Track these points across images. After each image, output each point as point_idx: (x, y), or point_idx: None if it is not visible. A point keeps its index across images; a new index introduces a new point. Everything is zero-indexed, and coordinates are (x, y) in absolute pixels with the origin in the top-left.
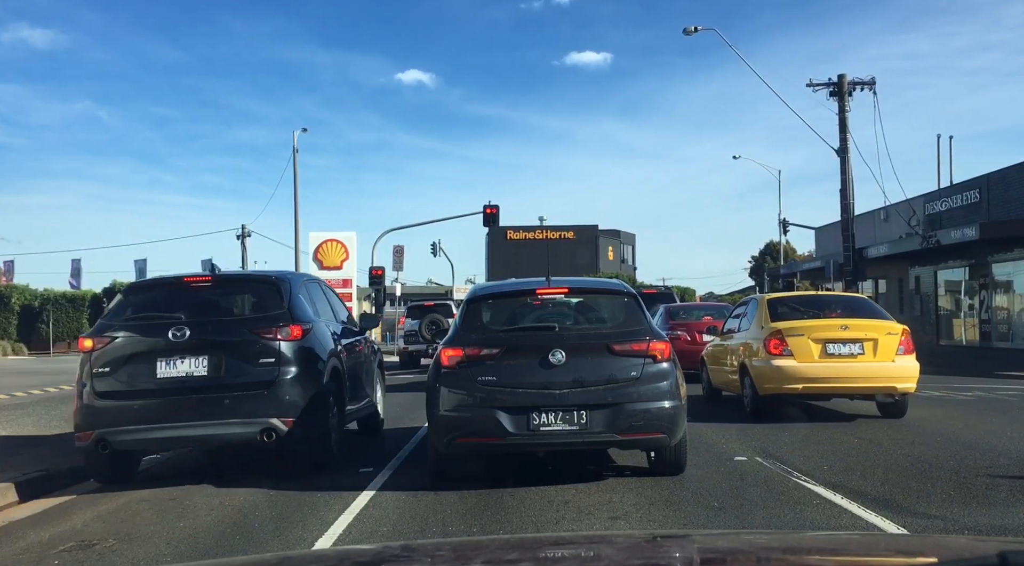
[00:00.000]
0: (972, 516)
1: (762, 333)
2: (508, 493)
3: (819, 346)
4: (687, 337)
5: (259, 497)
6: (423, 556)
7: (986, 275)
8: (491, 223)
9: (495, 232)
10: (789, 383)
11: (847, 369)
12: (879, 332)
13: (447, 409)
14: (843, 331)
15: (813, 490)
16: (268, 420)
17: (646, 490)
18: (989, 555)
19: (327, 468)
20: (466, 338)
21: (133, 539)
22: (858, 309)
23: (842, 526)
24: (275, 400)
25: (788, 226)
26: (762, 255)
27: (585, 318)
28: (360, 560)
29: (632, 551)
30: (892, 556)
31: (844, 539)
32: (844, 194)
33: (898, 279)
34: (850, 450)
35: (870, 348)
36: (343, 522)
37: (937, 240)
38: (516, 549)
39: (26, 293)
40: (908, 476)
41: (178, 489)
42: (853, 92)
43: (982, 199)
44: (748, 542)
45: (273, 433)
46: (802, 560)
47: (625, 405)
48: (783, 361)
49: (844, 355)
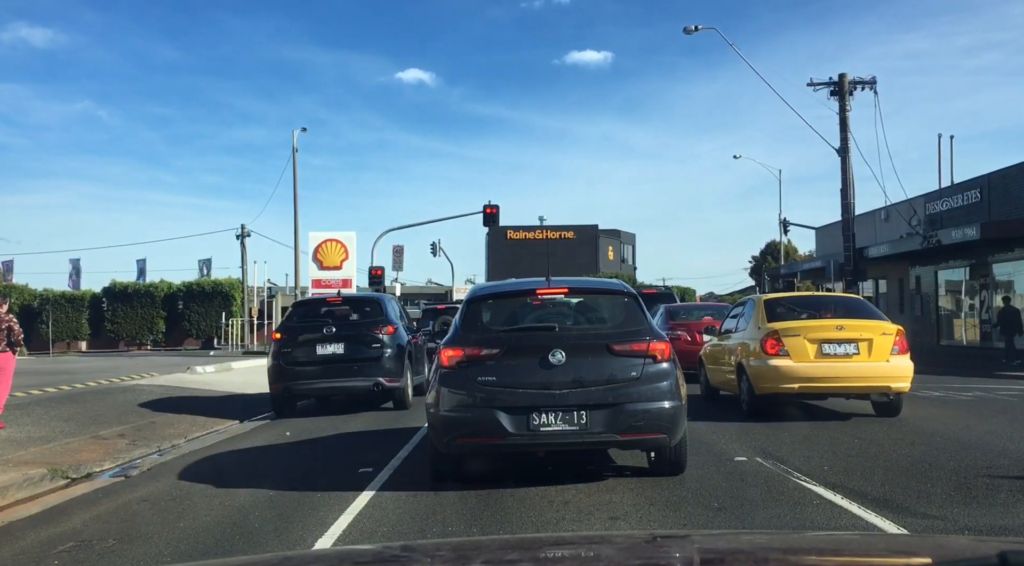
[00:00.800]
0: (972, 516)
1: (759, 333)
2: (508, 494)
3: (815, 346)
4: (687, 337)
5: (259, 497)
6: (423, 556)
7: (987, 275)
8: (491, 223)
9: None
10: (785, 383)
11: (843, 369)
12: (874, 332)
13: (447, 409)
14: (839, 331)
15: (813, 490)
16: (377, 379)
17: (646, 490)
18: (989, 555)
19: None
20: (466, 338)
21: (133, 539)
22: (854, 309)
23: (842, 526)
24: (380, 368)
25: (789, 226)
26: (763, 255)
27: (585, 318)
28: (360, 560)
29: (632, 551)
30: (892, 556)
31: (844, 539)
32: (845, 194)
33: (898, 279)
34: (850, 450)
35: (865, 348)
36: (343, 523)
37: (938, 240)
38: (516, 549)
39: (25, 293)
40: (908, 476)
41: (178, 489)
42: (854, 91)
43: (983, 199)
44: (748, 542)
45: (379, 386)
46: (802, 560)
47: (625, 405)
48: (779, 361)
49: (840, 355)
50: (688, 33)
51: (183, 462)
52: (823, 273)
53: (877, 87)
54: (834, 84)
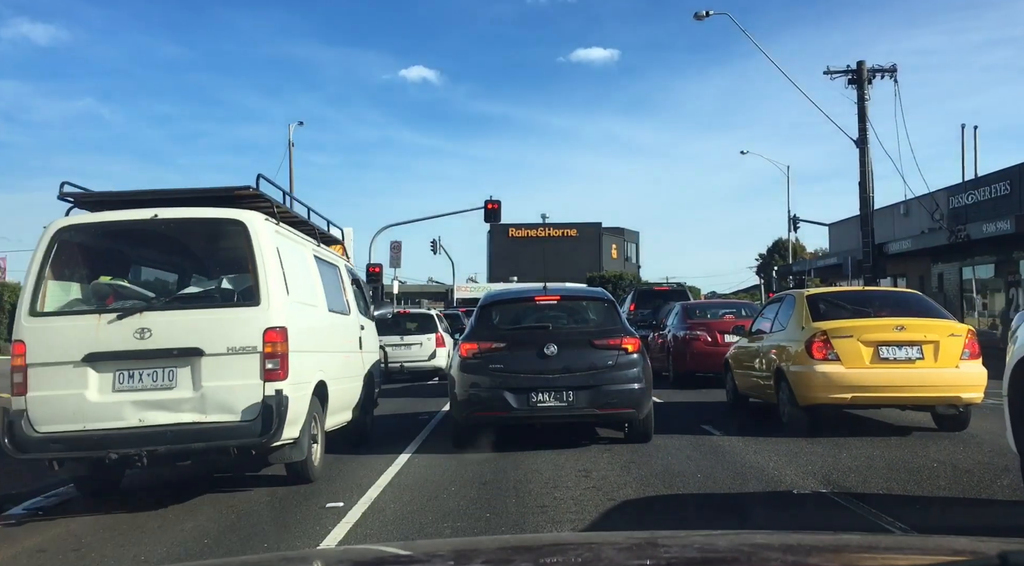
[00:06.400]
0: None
1: (802, 334)
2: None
3: (870, 349)
4: (707, 337)
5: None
6: (423, 556)
7: (1015, 272)
8: (492, 218)
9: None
10: (835, 392)
11: (903, 376)
12: (941, 333)
13: (466, 390)
14: (899, 332)
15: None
16: None
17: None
18: (989, 555)
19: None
20: (480, 334)
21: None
22: (913, 306)
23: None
24: None
25: (799, 222)
26: (770, 253)
27: (573, 319)
28: (360, 560)
29: (632, 551)
30: (892, 556)
31: (844, 539)
32: (863, 187)
33: (919, 277)
34: (934, 478)
35: (930, 352)
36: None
37: (966, 234)
38: (516, 549)
39: (17, 291)
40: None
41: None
42: (873, 80)
43: (1013, 191)
44: (748, 542)
45: None
46: (802, 560)
47: (603, 386)
48: (828, 366)
49: (900, 360)
50: (699, 19)
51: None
52: (840, 270)
53: (898, 75)
54: (852, 72)
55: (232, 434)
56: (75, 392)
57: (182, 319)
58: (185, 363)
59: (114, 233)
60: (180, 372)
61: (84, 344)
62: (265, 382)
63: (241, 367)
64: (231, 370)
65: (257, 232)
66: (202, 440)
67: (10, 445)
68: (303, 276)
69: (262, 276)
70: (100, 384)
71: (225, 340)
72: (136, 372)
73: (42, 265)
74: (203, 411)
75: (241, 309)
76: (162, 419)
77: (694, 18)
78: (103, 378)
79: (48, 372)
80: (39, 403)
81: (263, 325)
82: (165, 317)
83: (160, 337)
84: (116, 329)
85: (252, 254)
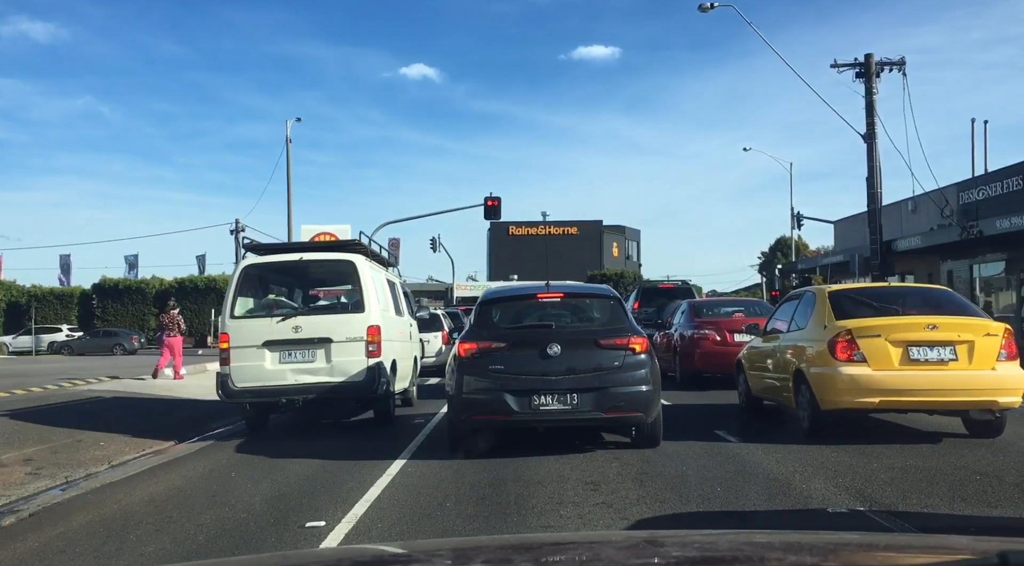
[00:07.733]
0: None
1: (825, 333)
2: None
3: (900, 350)
4: (716, 337)
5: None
6: (423, 556)
7: None
8: (492, 215)
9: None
10: (862, 396)
11: (936, 379)
12: (975, 333)
13: (465, 392)
14: (930, 331)
15: None
16: None
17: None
18: (989, 554)
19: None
20: (479, 333)
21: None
22: (945, 303)
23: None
24: None
25: (803, 219)
26: (772, 251)
27: (577, 317)
28: (360, 560)
29: (632, 551)
30: (892, 556)
31: (844, 539)
32: (871, 183)
33: (928, 274)
34: (980, 493)
35: (964, 352)
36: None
37: (979, 231)
38: (516, 549)
39: (12, 289)
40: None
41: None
42: (880, 73)
43: None
44: (748, 542)
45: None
46: (802, 560)
47: (609, 389)
48: (854, 368)
49: (932, 361)
50: (704, 10)
51: (86, 502)
52: (847, 268)
53: (906, 69)
54: (860, 65)
55: (351, 388)
56: (257, 363)
57: (319, 320)
58: (321, 346)
59: (276, 269)
60: (319, 352)
61: (262, 335)
62: (368, 358)
63: (354, 348)
64: (349, 350)
65: (361, 267)
66: (333, 392)
67: (222, 393)
68: (383, 292)
69: (365, 294)
70: (272, 359)
71: (345, 332)
72: (293, 351)
73: (235, 288)
74: (332, 375)
75: (353, 314)
76: (309, 380)
77: (699, 10)
78: (273, 355)
79: (241, 352)
80: (237, 369)
81: (366, 323)
82: (309, 319)
83: (307, 331)
84: (281, 326)
85: (359, 281)
